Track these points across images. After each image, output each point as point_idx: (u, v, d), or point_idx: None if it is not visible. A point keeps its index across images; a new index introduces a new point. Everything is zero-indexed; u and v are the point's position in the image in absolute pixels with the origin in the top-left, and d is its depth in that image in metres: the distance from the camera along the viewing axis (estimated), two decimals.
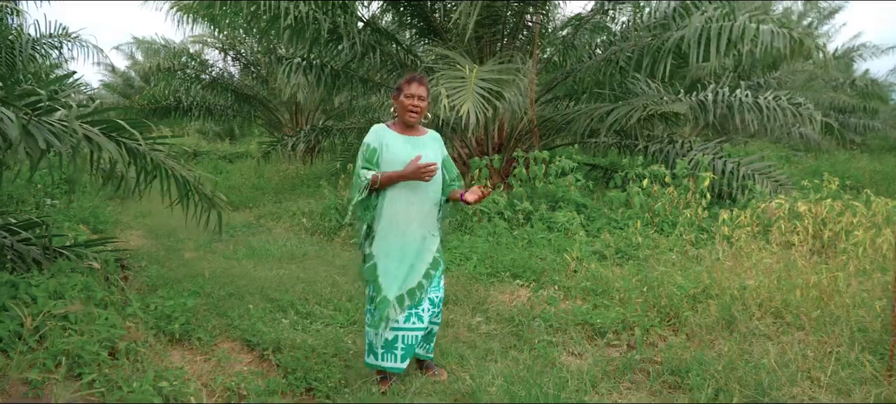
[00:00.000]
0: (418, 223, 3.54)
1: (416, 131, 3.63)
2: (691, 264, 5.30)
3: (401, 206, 3.50)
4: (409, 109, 3.53)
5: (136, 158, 4.49)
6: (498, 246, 6.01)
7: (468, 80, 6.56)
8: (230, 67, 17.13)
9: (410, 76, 3.58)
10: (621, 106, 7.91)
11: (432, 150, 3.61)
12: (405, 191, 3.52)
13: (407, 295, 3.56)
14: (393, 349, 3.57)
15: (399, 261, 3.54)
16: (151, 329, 4.32)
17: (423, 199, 3.55)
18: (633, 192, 6.64)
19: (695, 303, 4.55)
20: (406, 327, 3.59)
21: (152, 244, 7.21)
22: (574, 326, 4.46)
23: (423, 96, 3.55)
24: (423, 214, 3.56)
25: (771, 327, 4.10)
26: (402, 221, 3.51)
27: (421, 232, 3.56)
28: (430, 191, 3.58)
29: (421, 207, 3.55)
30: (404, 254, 3.53)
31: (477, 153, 9.60)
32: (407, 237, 3.53)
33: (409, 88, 3.53)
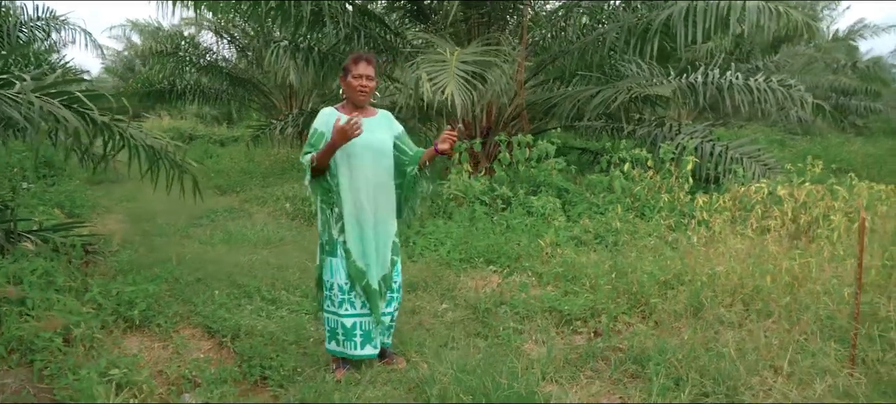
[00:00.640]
0: (376, 205, 3.47)
1: (366, 112, 3.53)
2: (668, 249, 5.20)
3: (360, 190, 3.42)
4: (358, 89, 3.44)
5: (100, 130, 4.41)
6: (474, 231, 5.93)
7: (449, 62, 6.45)
8: (224, 50, 17.01)
9: (356, 55, 3.49)
10: (607, 88, 7.78)
11: (382, 130, 3.52)
12: (359, 172, 3.43)
13: (383, 281, 3.53)
14: (352, 336, 3.50)
15: (367, 245, 3.47)
16: (111, 314, 4.26)
17: (379, 182, 3.47)
18: (614, 177, 6.54)
19: (665, 290, 4.46)
20: (363, 313, 3.53)
21: (130, 228, 7.15)
22: (542, 313, 4.38)
23: (372, 75, 3.46)
24: (381, 197, 3.49)
25: (740, 314, 4.00)
26: (363, 204, 3.44)
27: (380, 214, 3.50)
28: (385, 173, 3.51)
29: (378, 190, 3.47)
30: (371, 238, 3.47)
31: (465, 137, 9.48)
32: (370, 220, 3.46)
33: (356, 68, 3.43)
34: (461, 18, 9.51)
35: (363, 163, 3.41)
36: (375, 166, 3.45)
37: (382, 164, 3.49)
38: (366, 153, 3.42)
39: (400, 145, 3.60)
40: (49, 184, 7.82)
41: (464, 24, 9.60)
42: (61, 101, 4.24)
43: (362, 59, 3.47)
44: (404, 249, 5.87)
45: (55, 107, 4.05)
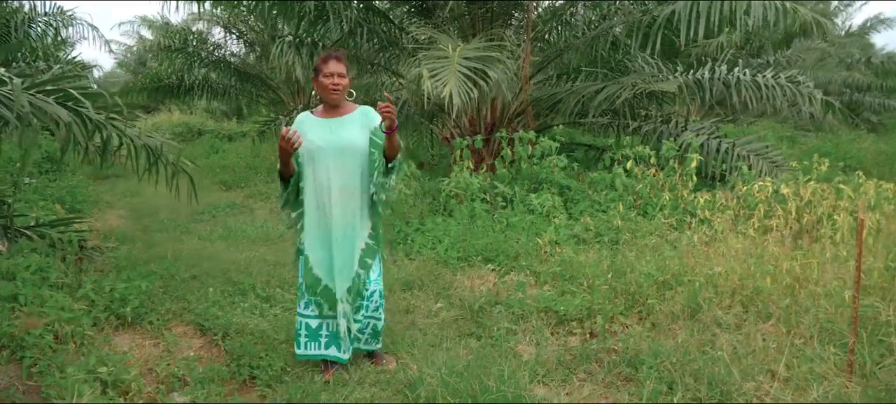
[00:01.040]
0: (341, 208, 3.37)
1: (340, 111, 3.43)
2: (669, 249, 5.12)
3: (322, 193, 3.37)
4: (329, 89, 3.36)
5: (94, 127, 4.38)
6: (473, 229, 5.87)
7: (451, 59, 6.38)
8: (232, 46, 17.01)
9: (326, 54, 3.43)
10: (610, 84, 7.69)
11: (353, 128, 3.40)
12: (320, 176, 3.37)
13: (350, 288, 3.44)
14: (317, 336, 3.48)
15: (328, 250, 3.41)
16: (104, 311, 4.24)
17: (343, 184, 3.36)
18: (616, 174, 6.45)
19: (663, 290, 4.38)
20: (329, 315, 3.49)
21: (131, 224, 7.16)
22: (537, 313, 4.32)
23: (343, 73, 3.37)
24: (344, 198, 3.37)
25: (738, 316, 3.93)
26: (326, 209, 3.37)
27: (345, 218, 3.39)
28: (350, 174, 3.37)
29: (342, 192, 3.36)
30: (333, 243, 3.39)
31: (469, 133, 9.42)
32: (332, 224, 3.38)
33: (326, 67, 3.37)
34: (465, 13, 9.44)
35: (325, 165, 3.34)
36: (340, 167, 3.34)
37: (347, 165, 3.35)
38: (328, 154, 3.34)
39: (373, 139, 3.37)
40: (51, 179, 7.82)
41: (468, 18, 9.52)
42: (56, 99, 4.22)
43: (332, 58, 3.40)
44: (403, 247, 5.84)
45: (48, 104, 4.02)
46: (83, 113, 4.31)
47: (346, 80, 3.42)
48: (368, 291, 3.51)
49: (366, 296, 3.50)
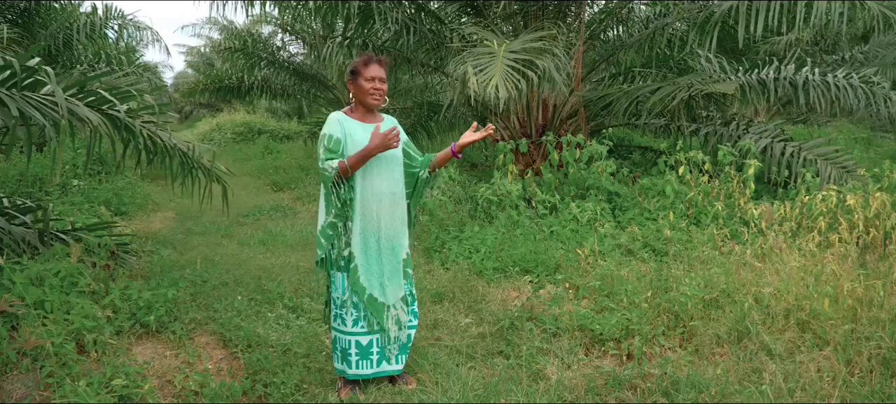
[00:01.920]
0: (389, 216, 3.28)
1: (375, 117, 3.32)
2: (718, 264, 4.76)
3: (372, 200, 3.24)
4: (370, 93, 3.21)
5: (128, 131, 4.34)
6: (512, 237, 5.62)
7: (496, 55, 6.15)
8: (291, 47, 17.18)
9: (366, 57, 3.26)
10: (666, 85, 7.31)
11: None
12: (372, 183, 3.24)
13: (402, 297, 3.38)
14: (368, 354, 3.33)
15: (378, 257, 3.28)
16: (128, 319, 4.20)
17: (391, 192, 3.29)
18: (666, 181, 6.09)
19: (709, 310, 4.05)
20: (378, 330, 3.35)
21: (174, 226, 7.19)
22: (571, 331, 4.06)
23: (383, 77, 3.25)
24: (393, 205, 3.30)
25: (791, 342, 3.58)
26: (374, 216, 3.25)
27: (393, 225, 3.31)
28: (396, 183, 3.32)
29: (390, 201, 3.28)
30: (377, 252, 3.28)
31: (520, 135, 9.17)
32: (382, 233, 3.27)
33: (367, 70, 3.21)
34: (517, 12, 9.20)
35: (377, 174, 3.23)
36: (388, 176, 3.27)
37: (394, 174, 3.30)
38: (379, 163, 3.23)
39: (408, 151, 3.43)
40: (99, 181, 7.95)
41: (520, 17, 9.27)
42: (89, 101, 4.19)
43: (373, 61, 3.25)
44: (439, 255, 5.65)
45: (78, 106, 3.99)
46: (113, 115, 4.27)
47: (386, 86, 3.30)
48: (412, 297, 3.48)
49: (410, 303, 3.46)
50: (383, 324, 3.30)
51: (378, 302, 3.28)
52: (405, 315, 3.41)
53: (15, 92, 3.83)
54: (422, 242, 5.92)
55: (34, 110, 3.78)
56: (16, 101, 3.72)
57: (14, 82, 3.88)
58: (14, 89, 3.86)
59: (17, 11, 10.63)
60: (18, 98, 3.77)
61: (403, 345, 3.44)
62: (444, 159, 3.41)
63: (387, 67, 3.33)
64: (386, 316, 3.30)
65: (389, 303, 3.32)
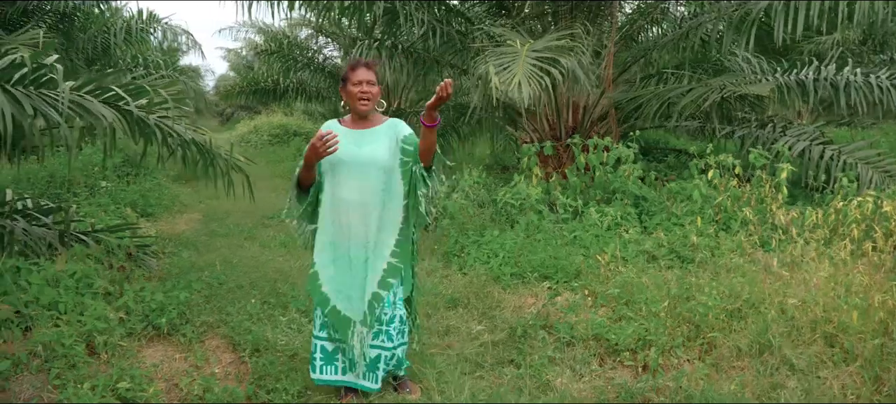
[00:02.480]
0: (360, 225, 3.12)
1: (368, 123, 3.19)
2: (747, 270, 4.56)
3: (340, 208, 3.12)
4: (359, 98, 3.12)
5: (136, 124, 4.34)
6: (533, 242, 5.49)
7: (519, 54, 6.04)
8: (325, 49, 17.28)
9: (355, 61, 3.18)
10: (697, 87, 7.09)
11: (379, 142, 3.14)
12: (340, 191, 3.13)
13: (367, 308, 3.15)
14: (333, 360, 3.25)
15: (348, 269, 3.17)
16: (141, 321, 4.21)
17: (364, 201, 3.11)
18: (693, 185, 5.89)
19: (732, 320, 3.88)
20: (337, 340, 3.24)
21: (198, 228, 7.24)
22: (586, 341, 3.93)
23: (373, 80, 3.13)
24: (364, 215, 3.12)
25: (816, 357, 3.39)
26: (344, 226, 3.13)
27: (366, 235, 3.13)
28: (372, 191, 3.12)
29: (363, 210, 3.11)
30: (351, 262, 3.16)
31: (549, 137, 9.02)
32: (351, 243, 3.14)
33: (355, 75, 3.12)
34: (547, 11, 9.06)
35: (347, 180, 3.10)
36: (361, 183, 3.10)
37: (371, 182, 3.11)
38: (350, 168, 3.10)
39: (405, 147, 3.14)
40: (128, 182, 8.06)
41: (550, 17, 9.13)
42: (105, 99, 4.20)
43: (361, 65, 3.16)
44: (457, 260, 5.55)
45: (92, 103, 4.00)
46: (129, 112, 4.27)
47: (377, 89, 3.17)
48: (387, 316, 3.21)
49: (385, 322, 3.21)
50: (346, 339, 3.15)
51: (342, 315, 3.15)
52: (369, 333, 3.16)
53: (32, 89, 3.86)
54: (441, 246, 5.84)
55: (49, 108, 3.80)
56: (31, 98, 3.75)
57: (33, 80, 3.92)
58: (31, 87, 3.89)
59: (57, 16, 10.86)
60: (35, 96, 3.81)
61: (372, 364, 3.22)
62: (424, 141, 3.04)
63: (377, 71, 3.22)
64: (350, 331, 3.14)
65: (355, 319, 3.16)
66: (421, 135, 3.03)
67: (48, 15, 10.80)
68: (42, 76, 3.94)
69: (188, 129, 4.62)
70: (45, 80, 4.01)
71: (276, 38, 16.74)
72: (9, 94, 3.64)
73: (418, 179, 3.13)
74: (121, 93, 4.22)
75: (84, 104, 3.96)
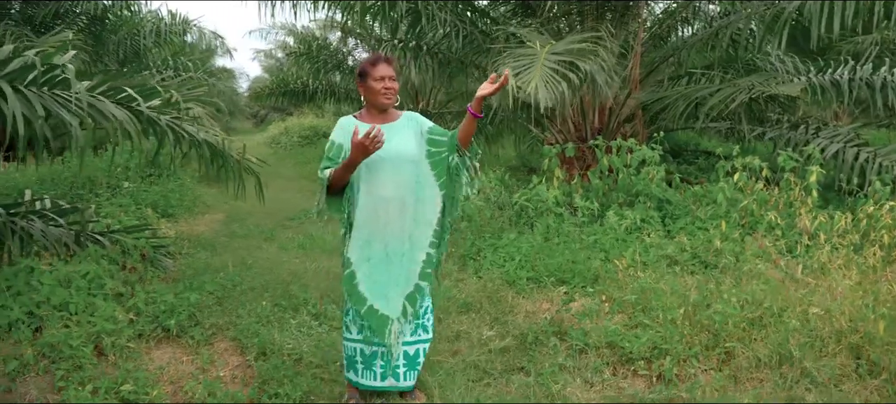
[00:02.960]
0: (398, 221, 3.07)
1: (387, 117, 3.13)
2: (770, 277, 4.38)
3: (379, 205, 3.05)
4: (381, 93, 3.05)
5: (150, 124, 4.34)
6: (551, 245, 5.37)
7: (538, 57, 5.92)
8: (355, 51, 17.31)
9: (374, 57, 3.12)
10: (725, 87, 6.89)
11: (406, 135, 3.10)
12: (376, 188, 3.06)
13: (407, 302, 3.13)
14: (372, 365, 3.16)
15: (385, 266, 3.10)
16: (150, 323, 4.20)
17: (400, 196, 3.06)
18: (718, 188, 5.70)
19: (753, 329, 3.71)
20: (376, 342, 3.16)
21: (218, 229, 7.25)
22: (600, 349, 3.81)
23: (393, 75, 3.08)
24: (401, 210, 3.07)
25: (839, 369, 3.23)
26: (381, 223, 3.06)
27: (402, 230, 3.09)
28: (407, 185, 3.08)
29: (400, 206, 3.07)
30: (389, 257, 3.09)
31: (575, 139, 8.87)
32: (389, 240, 3.08)
33: (376, 70, 3.05)
34: (572, 11, 8.91)
35: (383, 176, 3.04)
36: (396, 178, 3.05)
37: (404, 175, 3.07)
38: (385, 164, 3.04)
39: (433, 139, 3.13)
40: (151, 183, 8.11)
41: (576, 16, 8.98)
42: (118, 100, 4.21)
43: (381, 61, 3.10)
44: (473, 263, 5.46)
45: (104, 103, 4.00)
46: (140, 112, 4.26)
47: (397, 84, 3.12)
48: (422, 308, 3.21)
49: (421, 314, 3.20)
50: (384, 339, 3.10)
51: (379, 314, 3.10)
52: (409, 328, 3.18)
53: (45, 90, 3.87)
54: (458, 249, 5.74)
55: (60, 108, 3.80)
56: (43, 98, 3.76)
57: (47, 80, 3.93)
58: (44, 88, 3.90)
59: (88, 18, 11.04)
60: (48, 96, 3.82)
61: (411, 360, 3.23)
62: (467, 130, 3.04)
63: (396, 66, 3.17)
64: (387, 330, 3.10)
65: (393, 317, 3.12)
66: (465, 122, 3.02)
67: (80, 17, 10.99)
68: (55, 77, 3.94)
69: (200, 130, 4.60)
70: (59, 80, 4.02)
71: (305, 40, 16.82)
72: (20, 94, 3.65)
73: (460, 168, 3.13)
74: (133, 93, 4.21)
75: (96, 104, 3.97)
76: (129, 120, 4.06)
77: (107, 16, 11.46)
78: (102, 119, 3.96)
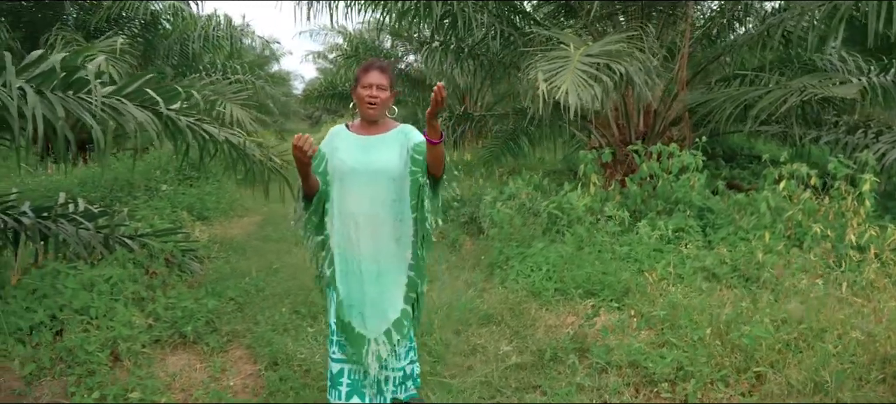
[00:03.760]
0: (370, 238, 2.90)
1: (378, 128, 2.96)
2: (815, 294, 4.09)
3: (349, 220, 2.90)
4: (366, 102, 2.89)
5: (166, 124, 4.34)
6: (581, 255, 5.15)
7: (571, 59, 5.72)
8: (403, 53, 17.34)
9: (367, 63, 2.96)
10: (775, 89, 6.52)
11: (389, 149, 2.91)
12: (346, 202, 2.91)
13: (393, 328, 2.95)
14: (338, 384, 3.02)
15: (359, 284, 2.94)
16: (169, 329, 4.19)
17: (373, 212, 2.89)
18: (761, 197, 5.37)
19: (788, 352, 3.46)
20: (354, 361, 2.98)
21: (252, 232, 7.27)
22: (622, 368, 3.60)
23: (384, 84, 2.88)
24: (374, 227, 2.90)
25: (883, 398, 2.96)
26: (353, 238, 2.91)
27: (377, 248, 2.92)
28: (381, 202, 2.90)
29: (373, 221, 2.90)
30: (364, 276, 2.93)
31: (619, 143, 8.60)
32: (362, 257, 2.92)
33: (365, 77, 2.90)
34: (619, 11, 8.64)
35: (355, 189, 2.88)
36: (371, 192, 2.88)
37: (379, 191, 2.89)
38: (358, 177, 2.88)
39: (415, 157, 2.88)
40: (189, 186, 8.21)
41: (622, 17, 8.71)
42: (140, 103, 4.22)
43: (374, 68, 2.92)
44: (501, 272, 5.30)
45: (125, 105, 4.01)
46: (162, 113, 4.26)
47: (387, 94, 2.93)
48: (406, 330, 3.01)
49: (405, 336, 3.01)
50: (360, 358, 2.92)
51: (356, 332, 2.93)
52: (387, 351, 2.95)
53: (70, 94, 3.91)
54: (486, 257, 5.59)
55: (84, 111, 3.82)
56: (67, 101, 3.79)
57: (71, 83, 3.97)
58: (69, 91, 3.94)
59: (140, 25, 11.31)
60: (72, 99, 3.85)
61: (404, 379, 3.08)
62: (430, 154, 2.78)
63: (390, 74, 3.00)
64: (364, 350, 2.92)
65: (370, 337, 2.93)
66: (426, 149, 2.78)
67: (133, 22, 11.27)
68: (80, 80, 3.97)
69: (222, 131, 4.58)
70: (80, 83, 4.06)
71: (352, 42, 16.93)
72: (44, 97, 3.68)
73: (423, 191, 2.89)
74: (154, 96, 4.22)
75: (116, 106, 3.98)
76: (149, 121, 4.07)
77: (159, 22, 11.73)
78: (122, 120, 3.98)
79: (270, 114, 17.61)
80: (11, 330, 3.93)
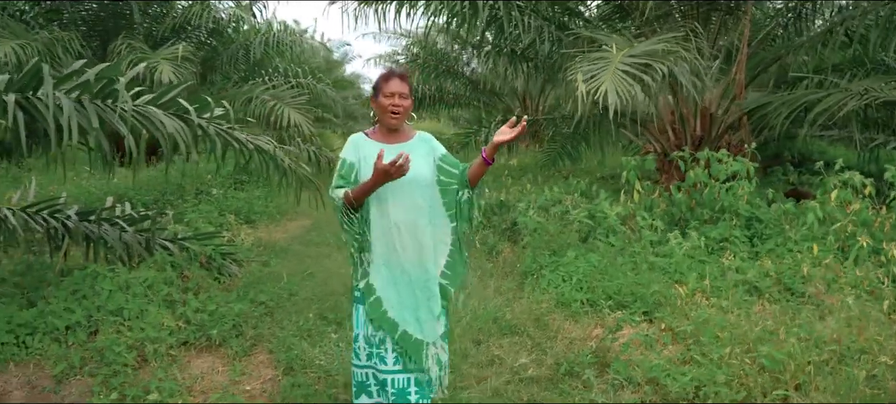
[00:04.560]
0: (413, 245, 2.92)
1: (400, 137, 2.96)
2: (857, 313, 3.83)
3: (391, 229, 2.90)
4: (389, 111, 2.88)
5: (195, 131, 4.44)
6: (614, 265, 5.00)
7: (612, 60, 5.58)
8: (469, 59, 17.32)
9: (388, 72, 2.95)
10: (834, 92, 6.17)
11: (417, 157, 2.90)
12: (386, 211, 2.90)
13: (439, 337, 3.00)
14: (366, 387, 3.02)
15: (409, 290, 2.95)
16: (196, 331, 4.29)
17: (413, 220, 2.90)
18: (810, 207, 5.08)
19: (817, 375, 3.25)
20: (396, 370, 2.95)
21: (296, 236, 7.38)
22: (641, 385, 3.47)
23: (405, 92, 2.88)
24: (414, 234, 2.91)
25: None
26: (395, 246, 2.91)
27: (419, 254, 2.93)
28: (419, 209, 2.92)
29: (414, 229, 2.91)
30: (413, 283, 2.94)
31: (673, 148, 8.33)
32: (405, 264, 2.92)
33: (387, 86, 2.89)
34: (675, 12, 8.38)
35: (394, 198, 2.88)
36: (408, 200, 2.89)
37: (417, 198, 2.91)
38: (392, 189, 2.86)
39: (445, 168, 2.97)
40: (238, 190, 8.40)
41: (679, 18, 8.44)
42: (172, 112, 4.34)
43: (395, 76, 2.92)
44: (532, 280, 5.20)
45: (156, 113, 4.14)
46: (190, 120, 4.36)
47: (409, 102, 2.94)
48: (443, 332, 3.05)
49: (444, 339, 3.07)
50: (422, 363, 2.92)
51: (413, 338, 2.92)
52: (445, 353, 3.04)
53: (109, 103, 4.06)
54: (519, 265, 5.50)
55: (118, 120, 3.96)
56: (105, 110, 3.94)
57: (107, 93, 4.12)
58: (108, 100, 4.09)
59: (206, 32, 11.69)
60: (109, 108, 3.99)
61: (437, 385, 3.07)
62: (477, 172, 2.92)
63: (410, 82, 3.00)
64: (424, 354, 2.92)
65: (428, 340, 2.94)
66: (476, 165, 2.91)
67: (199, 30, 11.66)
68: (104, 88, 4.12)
69: (250, 138, 4.66)
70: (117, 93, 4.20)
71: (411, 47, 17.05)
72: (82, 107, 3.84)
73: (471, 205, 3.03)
74: (185, 104, 4.33)
75: (145, 113, 4.11)
76: (178, 129, 4.18)
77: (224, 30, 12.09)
78: (153, 128, 4.10)
79: (337, 117, 17.91)
80: (49, 330, 4.11)
